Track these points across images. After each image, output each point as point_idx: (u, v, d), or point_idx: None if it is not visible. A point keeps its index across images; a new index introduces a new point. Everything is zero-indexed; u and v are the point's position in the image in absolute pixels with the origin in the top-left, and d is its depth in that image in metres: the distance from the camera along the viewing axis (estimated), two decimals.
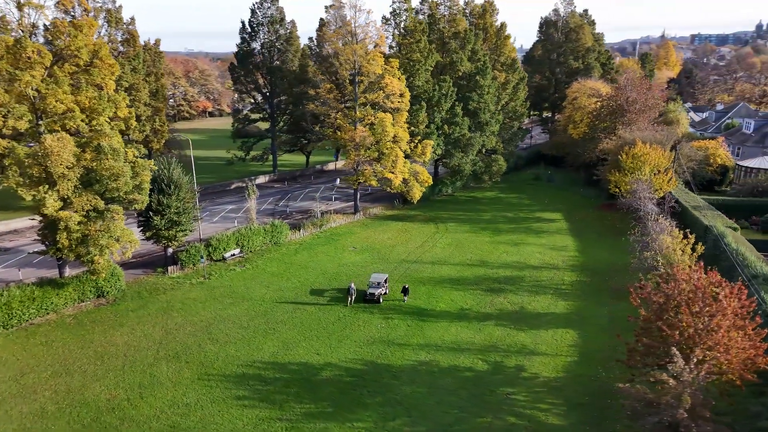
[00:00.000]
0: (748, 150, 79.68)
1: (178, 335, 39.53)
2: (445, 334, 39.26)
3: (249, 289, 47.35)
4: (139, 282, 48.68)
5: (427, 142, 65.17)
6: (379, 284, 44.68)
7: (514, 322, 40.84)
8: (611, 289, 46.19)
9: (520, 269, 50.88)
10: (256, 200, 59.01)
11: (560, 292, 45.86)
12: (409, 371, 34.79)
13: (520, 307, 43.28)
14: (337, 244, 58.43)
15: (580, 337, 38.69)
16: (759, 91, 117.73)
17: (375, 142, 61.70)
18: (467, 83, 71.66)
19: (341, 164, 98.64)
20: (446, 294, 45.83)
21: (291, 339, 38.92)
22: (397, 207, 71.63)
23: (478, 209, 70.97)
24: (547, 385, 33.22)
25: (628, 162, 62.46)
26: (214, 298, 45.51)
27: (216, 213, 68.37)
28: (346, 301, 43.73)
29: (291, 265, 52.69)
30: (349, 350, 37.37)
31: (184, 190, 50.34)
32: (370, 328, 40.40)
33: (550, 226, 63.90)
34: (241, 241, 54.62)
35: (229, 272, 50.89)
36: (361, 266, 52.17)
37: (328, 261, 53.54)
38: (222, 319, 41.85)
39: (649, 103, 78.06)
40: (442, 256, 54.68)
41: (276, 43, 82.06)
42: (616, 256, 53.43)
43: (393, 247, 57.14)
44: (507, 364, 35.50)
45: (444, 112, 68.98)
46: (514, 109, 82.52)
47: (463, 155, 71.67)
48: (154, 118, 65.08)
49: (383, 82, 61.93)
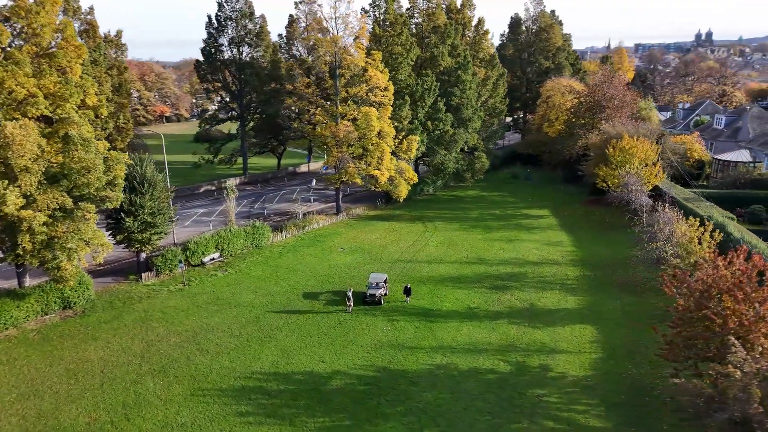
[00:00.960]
0: (722, 144, 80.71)
1: (162, 347, 35.24)
2: (457, 335, 36.44)
3: (235, 294, 43.31)
4: (109, 291, 43.89)
5: (412, 138, 62.56)
6: (378, 285, 41.54)
7: (528, 320, 38.43)
8: (618, 283, 44.50)
9: (520, 266, 48.69)
10: (234, 200, 54.83)
11: (567, 288, 43.83)
12: (427, 376, 31.75)
13: (530, 304, 40.94)
14: (323, 245, 54.92)
15: (599, 332, 36.57)
16: (719, 91, 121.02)
17: (359, 138, 58.62)
18: (449, 78, 69.56)
19: (316, 166, 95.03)
20: (450, 293, 43.08)
21: (290, 346, 35.25)
22: (381, 207, 68.66)
23: (464, 207, 68.78)
24: (577, 384, 30.80)
25: (617, 155, 61.51)
26: (197, 306, 41.28)
27: (187, 217, 63.65)
28: (346, 308, 40.25)
29: (277, 268, 48.86)
30: (356, 356, 34.02)
31: (159, 189, 45.91)
32: (375, 331, 37.17)
33: (540, 222, 62.25)
34: (221, 244, 50.41)
35: (210, 278, 46.65)
36: (353, 267, 48.87)
37: (317, 263, 49.99)
38: (209, 328, 37.76)
39: (626, 99, 77.98)
40: (436, 254, 51.98)
41: (246, 38, 77.97)
42: (615, 250, 52.01)
43: (383, 247, 54.07)
44: (530, 363, 32.93)
45: (427, 107, 66.60)
46: (494, 105, 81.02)
47: (446, 152, 69.43)
48: (118, 115, 60.02)
49: (366, 75, 59.02)
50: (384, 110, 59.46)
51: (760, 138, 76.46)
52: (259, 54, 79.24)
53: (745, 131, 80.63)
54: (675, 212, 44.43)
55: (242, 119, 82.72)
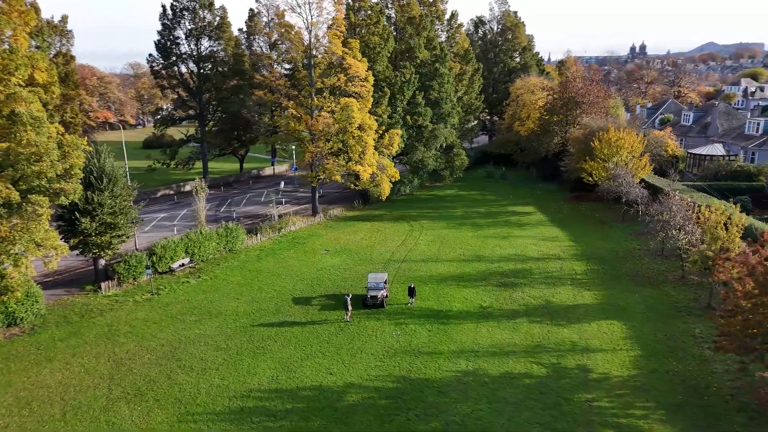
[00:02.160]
0: (692, 140, 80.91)
1: (135, 366, 29.56)
2: (477, 337, 32.44)
3: (214, 303, 37.85)
4: (62, 304, 37.57)
5: (394, 131, 58.66)
6: (379, 285, 37.14)
7: (548, 317, 34.91)
8: (630, 276, 41.81)
9: (522, 262, 45.36)
10: (204, 200, 49.09)
11: (579, 283, 40.73)
12: (456, 384, 27.55)
13: (545, 301, 37.50)
14: (304, 247, 49.96)
15: (628, 327, 33.41)
16: (674, 92, 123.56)
17: (339, 131, 54.19)
18: (426, 71, 66.24)
19: (281, 169, 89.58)
20: (456, 292, 39.13)
21: (289, 358, 30.30)
22: (359, 207, 64.24)
23: (446, 206, 65.26)
24: (625, 385, 27.34)
25: (603, 148, 59.66)
26: (171, 317, 35.62)
27: (147, 222, 57.21)
28: (345, 316, 35.45)
29: (258, 273, 43.62)
30: (368, 365, 29.45)
31: (120, 185, 40.01)
32: (383, 336, 32.69)
33: (529, 218, 59.44)
34: (192, 248, 44.69)
35: (181, 285, 40.94)
36: (343, 269, 44.24)
37: (302, 266, 45.04)
38: (190, 341, 32.27)
39: (601, 95, 77.03)
40: (431, 253, 48.03)
41: (205, 30, 72.19)
42: (614, 244, 49.60)
43: (371, 248, 49.66)
44: (566, 365, 29.29)
45: (406, 100, 62.94)
46: (470, 102, 78.31)
47: (425, 149, 65.87)
48: (65, 108, 53.34)
49: (345, 64, 54.76)
50: (365, 101, 55.32)
51: (731, 133, 76.95)
52: (220, 47, 73.53)
53: (714, 127, 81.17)
54: (690, 198, 42.25)
55: (202, 118, 76.60)
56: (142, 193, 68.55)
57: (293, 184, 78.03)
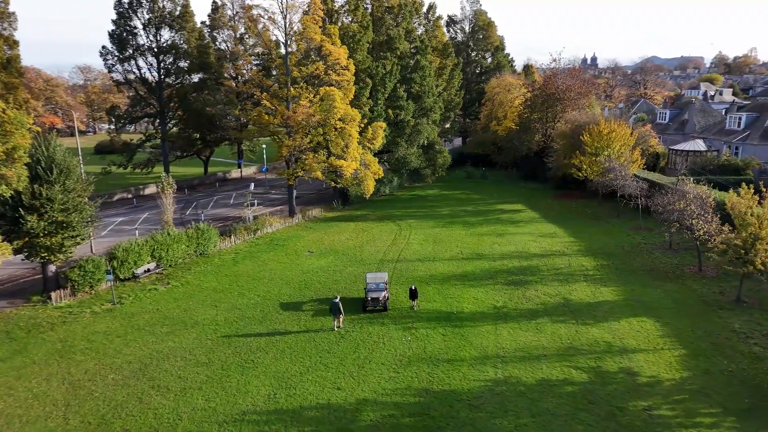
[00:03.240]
0: (670, 137, 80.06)
1: (96, 388, 24.24)
2: (499, 340, 28.45)
3: (189, 311, 32.64)
4: (4, 318, 31.68)
5: (377, 124, 54.56)
6: (379, 286, 32.79)
7: (572, 316, 31.29)
8: (645, 270, 38.80)
9: (526, 259, 41.83)
10: (172, 197, 43.64)
11: (593, 279, 37.40)
12: (489, 396, 23.41)
13: (563, 299, 33.91)
14: (285, 249, 45.10)
15: (662, 324, 30.09)
16: (641, 94, 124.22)
17: (320, 124, 49.72)
18: (407, 64, 62.62)
19: (249, 171, 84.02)
20: (463, 292, 35.13)
21: (286, 372, 25.55)
22: (338, 208, 59.67)
23: (431, 206, 61.43)
24: (682, 389, 23.80)
25: (594, 142, 57.19)
26: (138, 329, 30.25)
27: (103, 226, 51.13)
28: (333, 323, 30.75)
29: (236, 277, 38.54)
30: (381, 377, 25.01)
31: (74, 178, 34.41)
32: (393, 343, 28.31)
33: (521, 215, 56.22)
34: (158, 251, 39.25)
35: (148, 293, 35.49)
36: (332, 270, 39.66)
37: (285, 269, 40.20)
38: (163, 357, 27.08)
39: (581, 90, 75.20)
40: (426, 252, 43.97)
41: (165, 20, 66.57)
42: (617, 239, 46.75)
43: (359, 248, 45.23)
44: (607, 368, 25.59)
45: (387, 93, 59.04)
46: (450, 98, 75.07)
47: (408, 146, 62.03)
48: (8, 97, 47.01)
49: (324, 50, 50.42)
50: (347, 91, 51.07)
51: (712, 128, 76.37)
52: (182, 38, 67.95)
53: (691, 124, 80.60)
54: (704, 185, 39.73)
55: (162, 116, 70.58)
56: (97, 196, 62.35)
57: (264, 186, 72.90)
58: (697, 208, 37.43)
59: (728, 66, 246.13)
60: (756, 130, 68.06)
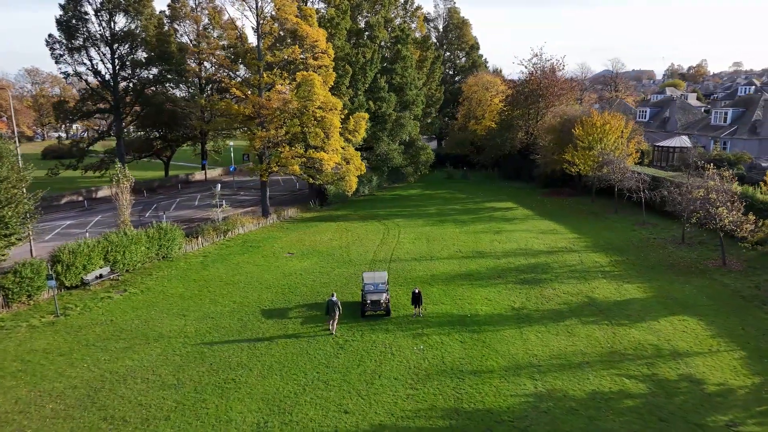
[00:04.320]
0: (652, 135, 78.30)
1: (31, 422, 18.69)
2: (528, 346, 24.03)
3: (151, 322, 27.10)
4: None
5: (360, 115, 49.91)
6: (379, 286, 28.04)
7: (603, 317, 27.20)
8: (665, 266, 35.21)
9: (532, 256, 37.76)
10: (128, 192, 37.82)
11: (611, 275, 33.52)
12: (535, 415, 18.90)
13: (586, 298, 29.84)
14: (260, 251, 39.81)
15: (707, 323, 26.26)
16: (612, 97, 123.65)
17: (298, 113, 44.81)
18: (388, 54, 58.41)
19: (214, 173, 77.90)
20: (472, 293, 30.68)
21: (277, 393, 20.45)
22: (316, 208, 54.57)
23: (415, 205, 56.99)
24: (760, 399, 19.81)
25: (588, 134, 54.04)
26: (87, 345, 24.59)
27: (48, 230, 44.77)
28: (328, 325, 26.01)
29: (207, 282, 33.09)
30: (397, 396, 20.20)
31: (7, 166, 28.54)
32: (403, 353, 23.54)
33: (514, 213, 52.37)
34: (113, 253, 33.44)
35: (100, 302, 29.72)
36: (319, 272, 34.65)
37: (263, 272, 34.96)
38: (119, 378, 21.57)
39: (565, 87, 72.62)
40: (420, 250, 39.43)
41: (119, 5, 60.49)
42: (623, 234, 43.27)
43: (346, 248, 40.33)
44: (665, 375, 21.46)
45: (368, 83, 54.59)
46: (431, 93, 71.15)
47: (390, 141, 57.60)
48: None
49: (301, 31, 45.61)
50: (328, 76, 46.32)
51: (696, 125, 74.91)
52: (139, 26, 61.92)
53: (673, 121, 79.11)
54: (727, 171, 36.57)
55: (117, 112, 64.16)
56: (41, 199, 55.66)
57: (232, 187, 67.18)
58: (721, 196, 34.21)
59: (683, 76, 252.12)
60: (743, 125, 66.55)
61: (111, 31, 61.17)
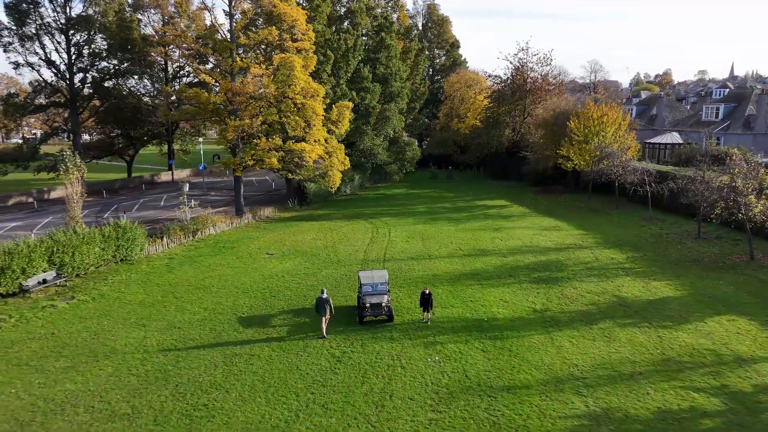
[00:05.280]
0: (640, 132, 76.25)
1: None
2: (563, 354, 20.02)
3: (102, 335, 22.21)
4: None
5: (343, 104, 45.67)
6: (378, 287, 23.75)
7: (641, 318, 23.42)
8: (690, 261, 31.81)
9: (541, 253, 33.96)
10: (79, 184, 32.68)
11: (634, 272, 29.91)
12: None
13: (614, 297, 26.08)
14: (235, 252, 35.07)
15: (761, 323, 22.72)
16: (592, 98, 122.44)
17: (276, 99, 40.35)
18: (371, 42, 54.44)
19: (182, 174, 72.40)
20: (484, 294, 26.61)
21: (263, 422, 15.94)
22: (295, 208, 49.94)
23: (402, 204, 52.85)
24: None
25: (586, 126, 50.92)
26: (18, 365, 19.63)
27: None
28: (319, 329, 21.75)
29: (173, 287, 28.26)
30: (417, 422, 15.93)
31: None
32: (416, 366, 19.25)
33: (510, 210, 48.70)
34: (59, 255, 28.35)
35: (41, 312, 24.66)
36: (303, 274, 30.15)
37: (240, 275, 30.28)
38: (54, 408, 16.77)
39: (553, 82, 69.85)
40: (416, 249, 35.27)
41: None
42: (631, 230, 39.93)
43: (332, 247, 35.90)
44: (738, 387, 17.68)
45: (350, 72, 50.43)
46: (415, 87, 67.36)
47: (374, 135, 53.47)
48: None
49: (278, 11, 41.24)
50: (309, 59, 42.00)
51: (686, 121, 73.11)
52: (97, 11, 56.62)
53: (660, 118, 77.22)
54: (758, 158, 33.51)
55: (73, 106, 58.54)
56: None
57: (202, 188, 62.04)
58: (749, 183, 31.06)
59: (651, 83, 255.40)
60: (737, 120, 64.64)
61: (66, 16, 55.78)
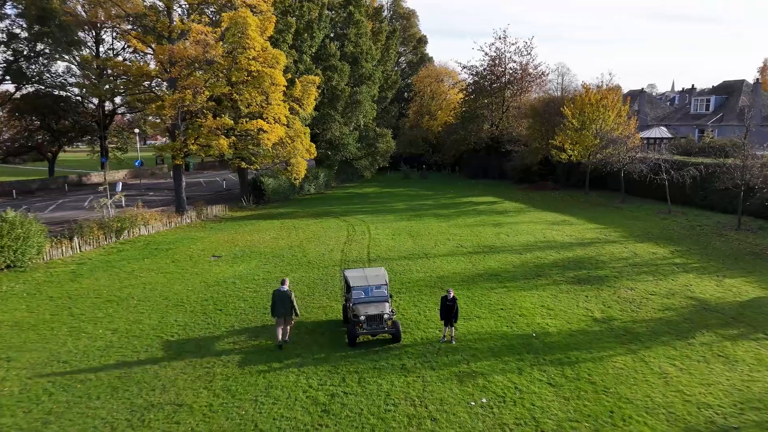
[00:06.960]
0: None
1: None
2: (677, 388, 12.89)
3: None
4: None
5: (309, 78, 38.05)
6: (372, 293, 16.17)
7: (747, 327, 16.73)
8: (750, 255, 25.65)
9: (565, 249, 27.13)
10: None
11: (693, 269, 23.39)
12: None
13: (689, 299, 19.33)
14: (170, 254, 26.75)
15: None
16: None
17: (226, 67, 32.44)
18: (338, 17, 47.24)
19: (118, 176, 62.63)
20: (516, 300, 19.40)
21: None
22: (250, 206, 41.74)
23: (377, 201, 45.41)
24: None
25: (583, 113, 45.09)
26: None
27: None
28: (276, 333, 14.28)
29: (73, 300, 19.82)
30: None
31: None
32: (456, 418, 11.65)
33: (503, 206, 41.99)
34: None
35: None
36: (262, 279, 22.23)
37: (174, 282, 22.06)
38: None
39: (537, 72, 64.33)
40: (406, 247, 27.86)
41: None
42: (654, 223, 33.77)
43: (300, 247, 28.05)
44: None
45: (315, 47, 42.99)
46: (387, 74, 60.42)
47: (343, 123, 46.04)
48: None
49: None
50: (267, 21, 34.28)
51: (671, 116, 69.28)
52: None
53: (642, 114, 73.14)
54: None
55: None
56: None
57: (139, 189, 52.96)
58: None
59: None
60: (730, 112, 60.55)
61: None
